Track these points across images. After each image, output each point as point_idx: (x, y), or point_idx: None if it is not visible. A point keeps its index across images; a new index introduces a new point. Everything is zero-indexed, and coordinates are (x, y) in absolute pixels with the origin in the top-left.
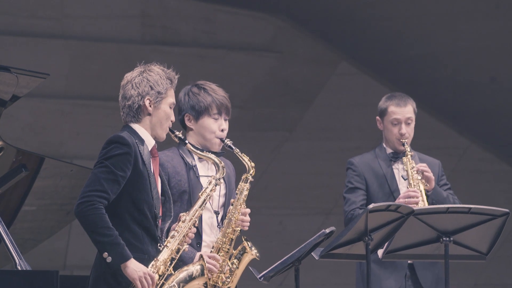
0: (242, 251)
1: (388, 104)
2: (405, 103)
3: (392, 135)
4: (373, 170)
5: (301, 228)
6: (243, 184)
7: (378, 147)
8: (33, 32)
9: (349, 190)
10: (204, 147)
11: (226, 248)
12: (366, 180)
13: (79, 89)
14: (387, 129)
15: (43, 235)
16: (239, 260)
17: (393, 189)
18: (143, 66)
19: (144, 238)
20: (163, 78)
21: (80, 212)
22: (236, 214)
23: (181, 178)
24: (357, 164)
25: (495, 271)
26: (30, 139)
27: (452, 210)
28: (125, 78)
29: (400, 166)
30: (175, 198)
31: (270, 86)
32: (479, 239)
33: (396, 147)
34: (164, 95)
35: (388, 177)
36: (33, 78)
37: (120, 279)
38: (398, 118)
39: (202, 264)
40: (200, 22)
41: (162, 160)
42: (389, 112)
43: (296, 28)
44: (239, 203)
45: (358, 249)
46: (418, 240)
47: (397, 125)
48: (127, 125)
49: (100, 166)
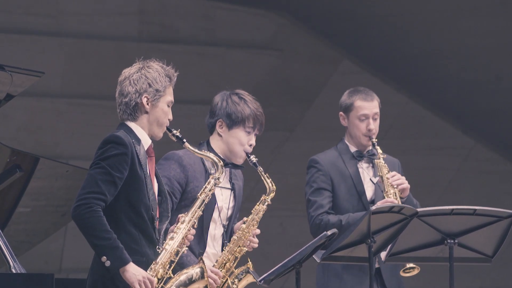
0: (244, 273)
1: (354, 99)
2: (372, 98)
3: (359, 131)
4: (338, 170)
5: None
6: (261, 206)
7: (340, 143)
8: (27, 29)
9: (315, 192)
10: (226, 157)
11: (229, 265)
12: (332, 180)
13: (75, 88)
14: (354, 124)
15: (38, 237)
16: (239, 281)
17: (360, 191)
18: (142, 62)
19: (142, 240)
20: (162, 75)
21: (78, 215)
22: (247, 234)
23: (199, 185)
24: (322, 163)
25: (501, 274)
26: (25, 139)
27: (457, 211)
28: (123, 74)
29: (364, 165)
30: (188, 203)
31: (270, 85)
32: (484, 241)
33: (362, 143)
34: (162, 93)
35: (355, 178)
36: (27, 76)
37: (118, 284)
38: (366, 114)
39: (202, 267)
40: (199, 19)
41: (185, 161)
42: (355, 107)
43: (297, 26)
44: (252, 224)
45: (360, 252)
46: (422, 243)
47: (364, 120)
48: (123, 123)
49: (97, 167)
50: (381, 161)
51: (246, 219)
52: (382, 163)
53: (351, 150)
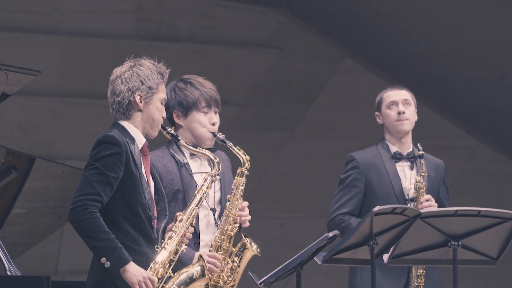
0: (242, 248)
1: (382, 93)
2: (400, 88)
3: (390, 118)
4: (375, 168)
5: (303, 231)
6: (239, 179)
7: (380, 143)
8: (23, 27)
9: (345, 188)
10: (195, 143)
11: (226, 246)
12: (367, 178)
13: (71, 87)
14: (385, 115)
15: (34, 239)
16: (239, 258)
17: (397, 189)
18: (133, 61)
19: (140, 240)
20: (154, 72)
21: (73, 218)
22: (233, 210)
23: (173, 177)
24: (359, 159)
25: (505, 277)
26: (20, 139)
27: (460, 213)
28: (114, 73)
29: (405, 164)
30: (169, 198)
31: (270, 84)
32: (488, 243)
33: (398, 129)
34: (155, 90)
35: (392, 177)
36: (23, 75)
37: (119, 284)
38: (394, 100)
39: (202, 264)
40: (197, 16)
41: (152, 160)
42: (383, 98)
43: (298, 23)
44: (235, 198)
45: (362, 254)
46: (425, 244)
47: (393, 107)
48: (116, 122)
49: (91, 168)
50: (421, 180)
51: (229, 196)
52: (422, 184)
53: (392, 150)
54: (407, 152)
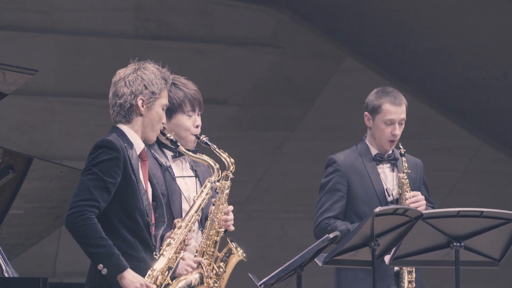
0: (228, 253)
1: (382, 101)
2: (400, 102)
3: (384, 135)
4: (357, 170)
5: (303, 232)
6: (224, 182)
7: (360, 143)
8: (20, 25)
9: (327, 192)
10: None
11: (211, 251)
12: (349, 181)
13: (69, 86)
14: (379, 128)
15: (31, 240)
16: (225, 263)
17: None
18: (137, 64)
19: (138, 246)
20: (158, 77)
21: (70, 223)
22: (218, 214)
23: (157, 181)
24: (340, 162)
25: (508, 279)
26: (18, 138)
27: (463, 213)
28: (117, 75)
29: (385, 166)
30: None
31: (270, 83)
32: (491, 244)
33: (384, 147)
34: (158, 95)
35: (374, 180)
36: (20, 74)
37: None
38: (393, 119)
39: (201, 272)
40: (197, 15)
41: None
42: (383, 111)
43: (299, 22)
44: (220, 203)
45: (363, 255)
46: (427, 246)
47: (390, 125)
48: (115, 126)
49: (88, 173)
50: (404, 177)
51: (214, 200)
52: (406, 181)
53: (372, 152)
54: (388, 154)
